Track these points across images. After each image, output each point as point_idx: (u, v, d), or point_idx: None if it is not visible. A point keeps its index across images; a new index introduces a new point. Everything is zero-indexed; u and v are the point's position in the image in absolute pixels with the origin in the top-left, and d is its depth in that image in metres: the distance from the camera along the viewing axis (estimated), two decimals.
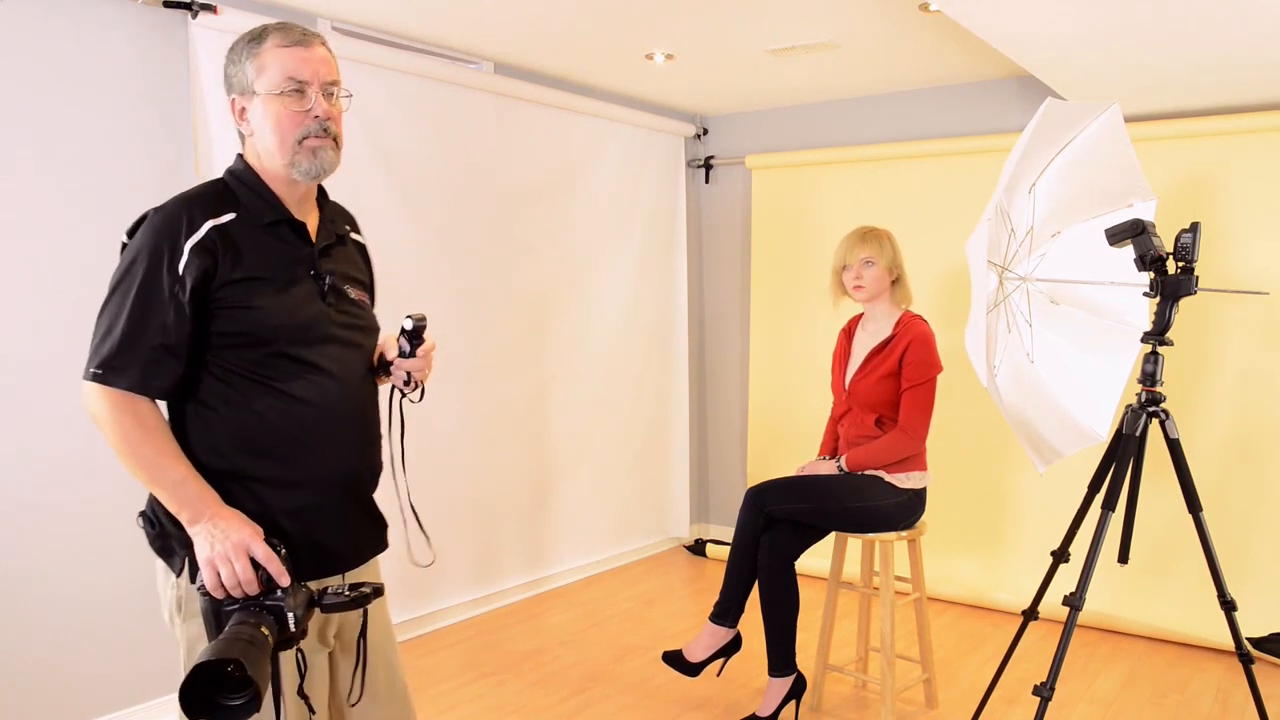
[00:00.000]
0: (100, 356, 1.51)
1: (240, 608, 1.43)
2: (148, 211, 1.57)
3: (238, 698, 1.29)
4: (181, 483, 1.50)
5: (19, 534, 2.75)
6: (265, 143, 1.60)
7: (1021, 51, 3.18)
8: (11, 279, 2.71)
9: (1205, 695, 3.37)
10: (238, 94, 1.62)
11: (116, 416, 1.49)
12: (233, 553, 1.45)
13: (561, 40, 3.76)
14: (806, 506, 2.97)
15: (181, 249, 1.51)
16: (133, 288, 1.51)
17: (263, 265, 1.58)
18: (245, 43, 1.61)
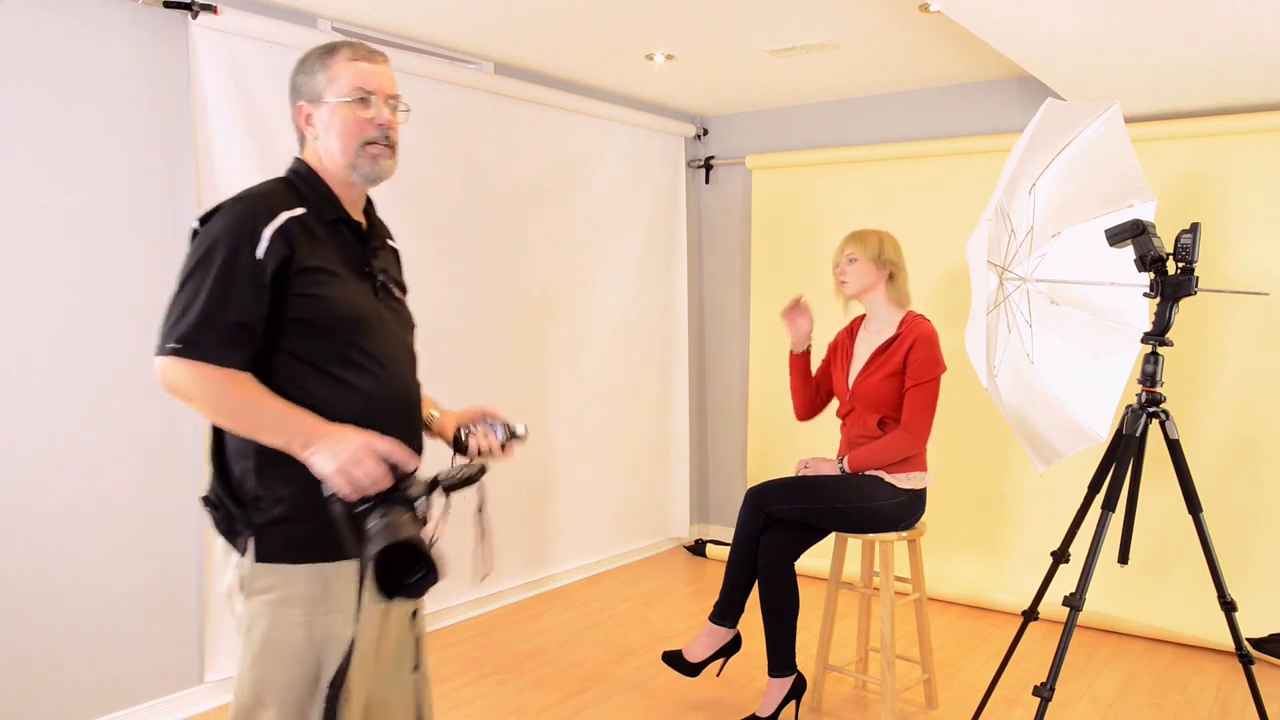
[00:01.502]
0: (179, 332, 1.56)
1: (375, 505, 1.50)
2: (222, 202, 1.65)
3: (417, 572, 1.44)
4: (283, 415, 1.57)
5: (19, 534, 2.75)
6: (330, 146, 1.71)
7: (1021, 52, 3.18)
8: (11, 278, 2.71)
9: (1205, 696, 3.37)
10: (306, 101, 1.73)
11: (202, 380, 1.55)
12: (360, 454, 1.52)
13: (561, 40, 3.76)
14: (806, 507, 2.97)
15: (261, 234, 1.60)
16: (213, 268, 1.57)
17: (328, 258, 1.68)
18: (318, 55, 1.73)
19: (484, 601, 4.19)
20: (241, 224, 1.60)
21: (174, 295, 1.60)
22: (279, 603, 1.63)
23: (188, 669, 3.15)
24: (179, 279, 1.61)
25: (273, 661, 1.63)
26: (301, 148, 1.77)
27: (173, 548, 3.10)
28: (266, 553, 1.63)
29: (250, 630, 1.64)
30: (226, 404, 1.56)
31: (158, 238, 3.02)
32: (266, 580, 1.63)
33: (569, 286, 4.52)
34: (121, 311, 2.94)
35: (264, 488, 1.63)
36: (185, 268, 1.61)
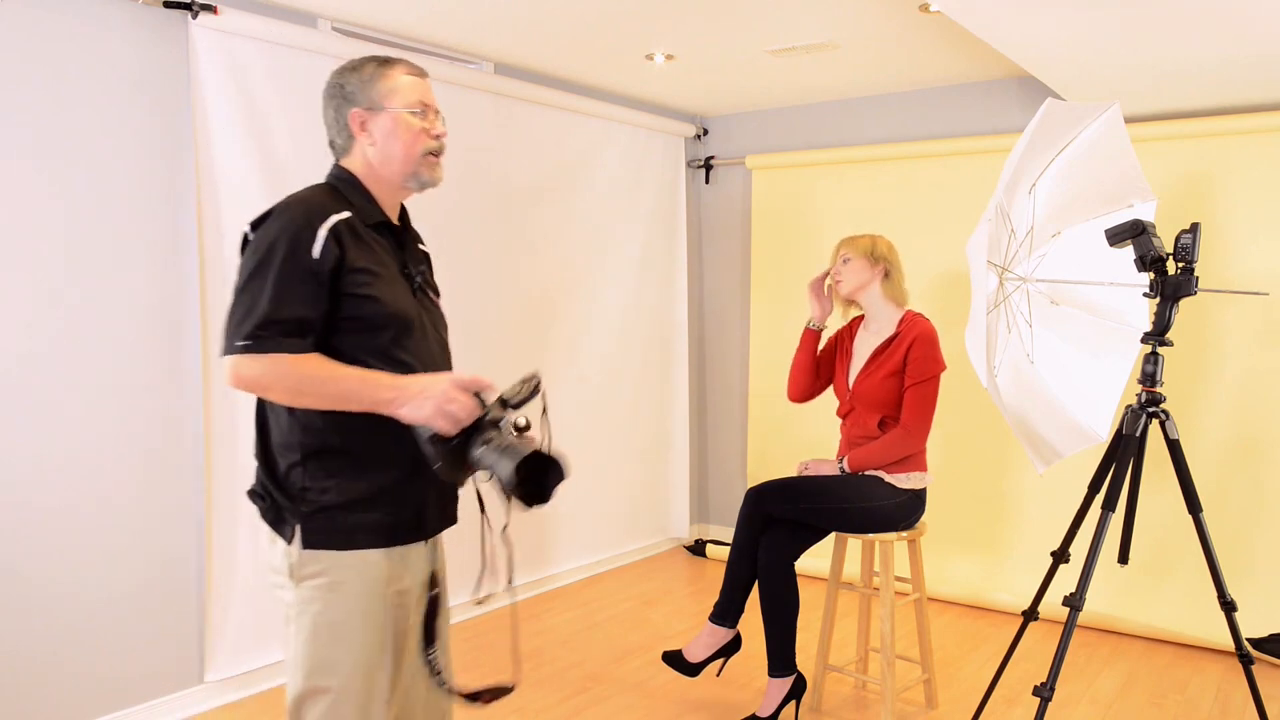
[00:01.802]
0: (246, 329, 1.60)
1: (470, 434, 1.62)
2: (273, 207, 1.70)
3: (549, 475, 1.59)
4: (364, 379, 1.64)
5: (19, 534, 2.75)
6: (391, 153, 1.78)
7: (1021, 52, 3.18)
8: (11, 278, 2.71)
9: (1205, 696, 3.37)
10: (361, 108, 1.77)
11: (277, 369, 1.60)
12: (450, 392, 1.61)
13: (561, 40, 3.76)
14: (806, 507, 2.97)
15: (316, 235, 1.65)
16: (273, 268, 1.63)
17: (374, 260, 1.74)
18: (374, 65, 1.79)
19: (484, 601, 4.19)
20: (297, 225, 1.66)
21: (236, 297, 1.65)
22: (329, 587, 1.69)
23: (188, 669, 3.15)
24: (240, 281, 1.65)
25: (327, 644, 1.69)
26: (341, 152, 1.82)
27: (173, 548, 3.10)
28: (314, 540, 1.69)
29: (301, 615, 1.70)
30: (307, 384, 1.62)
31: (158, 238, 3.02)
32: (315, 566, 1.69)
33: (569, 286, 4.52)
34: (122, 311, 2.94)
35: (310, 480, 1.69)
36: (246, 270, 1.65)
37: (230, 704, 3.24)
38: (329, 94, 1.81)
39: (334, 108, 1.80)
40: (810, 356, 3.23)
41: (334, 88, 1.80)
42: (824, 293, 3.21)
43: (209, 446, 3.12)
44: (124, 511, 2.97)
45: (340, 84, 1.80)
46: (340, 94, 1.79)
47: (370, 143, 1.78)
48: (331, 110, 1.81)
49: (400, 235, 1.86)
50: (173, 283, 3.07)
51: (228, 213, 3.14)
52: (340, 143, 1.82)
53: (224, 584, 3.18)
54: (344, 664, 1.70)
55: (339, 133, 1.81)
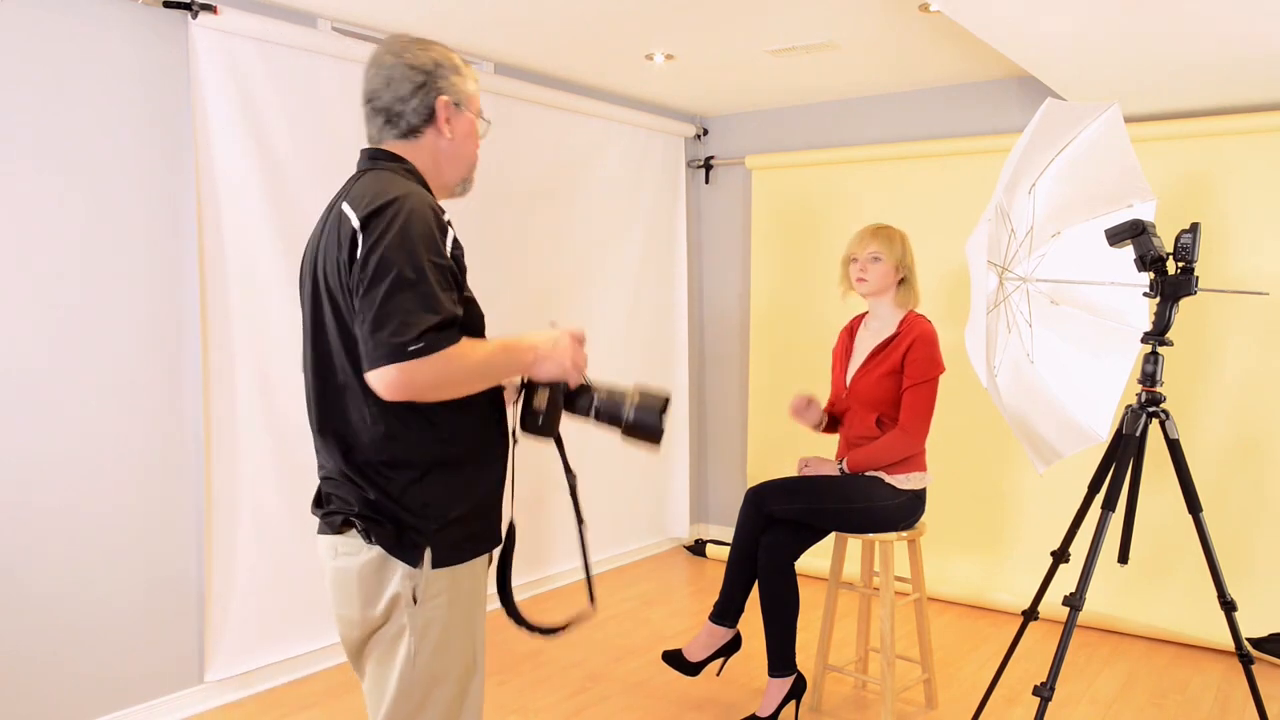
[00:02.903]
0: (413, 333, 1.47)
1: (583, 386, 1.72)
2: (392, 197, 1.55)
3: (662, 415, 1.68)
4: (506, 348, 1.63)
5: (19, 534, 2.75)
6: (460, 154, 1.73)
7: (1021, 52, 3.18)
8: (11, 278, 2.71)
9: (1205, 695, 3.37)
10: (454, 99, 1.70)
11: (446, 368, 1.51)
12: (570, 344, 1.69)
13: (562, 40, 3.76)
14: (806, 507, 2.97)
15: (447, 230, 1.60)
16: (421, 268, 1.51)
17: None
18: (459, 62, 1.73)
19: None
20: (429, 222, 1.55)
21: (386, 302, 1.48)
22: (449, 604, 1.65)
23: (188, 669, 3.15)
24: (385, 289, 1.49)
25: (444, 659, 1.66)
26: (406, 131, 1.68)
27: (173, 548, 3.10)
28: (444, 556, 1.63)
29: (425, 636, 1.63)
30: (471, 374, 1.56)
31: (158, 238, 3.02)
32: (439, 584, 1.64)
33: (569, 286, 4.52)
34: (122, 311, 2.94)
35: (432, 494, 1.62)
36: (385, 270, 1.50)
37: (230, 704, 3.24)
38: (410, 66, 1.66)
39: (417, 85, 1.66)
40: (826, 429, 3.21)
41: (422, 65, 1.66)
42: (806, 408, 3.14)
43: (209, 447, 3.12)
44: (124, 512, 2.97)
45: (435, 67, 1.67)
46: (432, 76, 1.67)
47: (448, 137, 1.70)
48: (411, 84, 1.66)
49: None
50: (173, 283, 3.07)
51: (228, 213, 3.14)
52: (413, 122, 1.67)
53: (224, 584, 3.18)
54: (453, 674, 1.67)
55: (416, 113, 1.67)
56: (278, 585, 3.33)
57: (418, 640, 1.63)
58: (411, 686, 1.64)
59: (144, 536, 3.03)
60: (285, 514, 3.33)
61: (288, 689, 3.36)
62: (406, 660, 1.63)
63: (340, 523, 1.66)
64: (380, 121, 1.69)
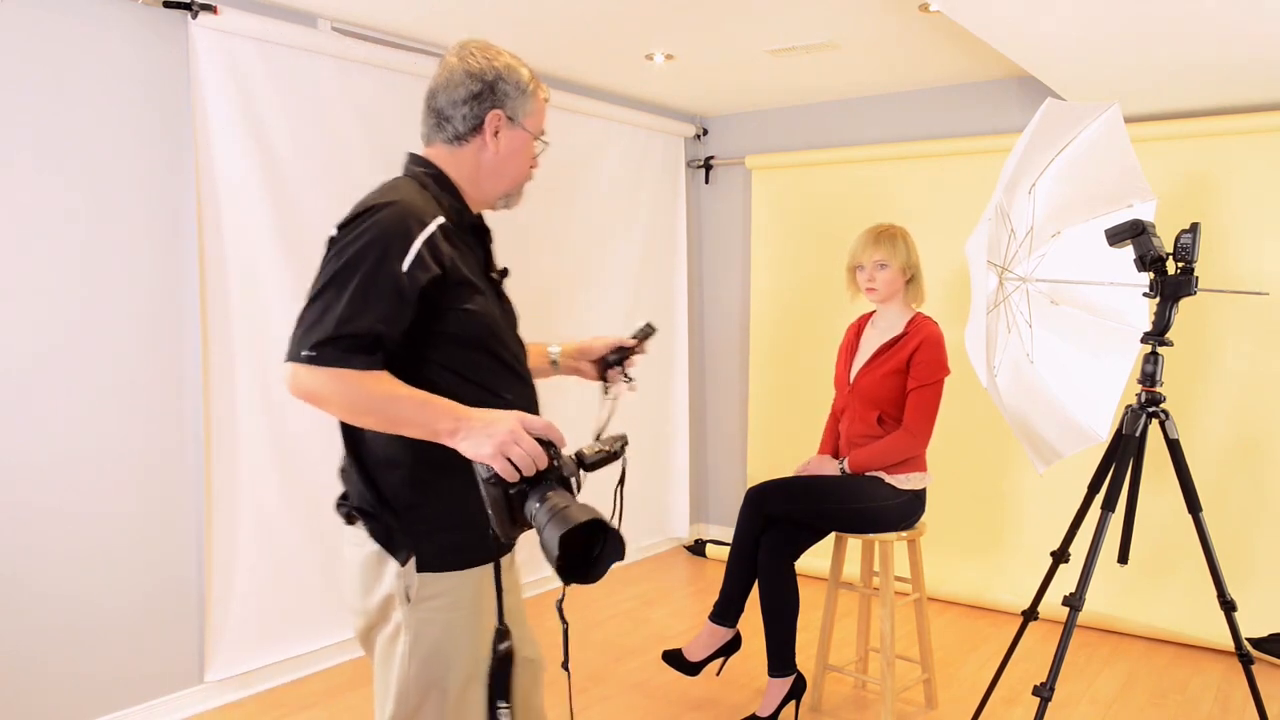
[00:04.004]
0: (313, 339, 1.47)
1: (531, 486, 1.44)
2: (365, 208, 1.55)
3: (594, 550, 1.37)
4: (424, 404, 1.49)
5: (19, 534, 2.75)
6: (505, 170, 1.70)
7: (1021, 52, 3.18)
8: (11, 278, 2.71)
9: (1205, 695, 3.37)
10: (505, 112, 1.67)
11: (335, 383, 1.47)
12: (515, 434, 1.44)
13: (561, 40, 3.76)
14: (806, 507, 2.97)
15: (410, 247, 1.52)
16: (355, 276, 1.49)
17: (469, 268, 1.62)
18: (529, 80, 1.69)
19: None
20: (391, 235, 1.51)
21: (310, 301, 1.51)
22: (449, 608, 1.61)
23: (188, 669, 3.15)
24: (316, 285, 1.52)
25: (441, 663, 1.62)
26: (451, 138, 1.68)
27: (173, 548, 3.10)
28: (430, 561, 1.60)
29: (420, 637, 1.61)
30: (363, 402, 1.48)
31: (158, 238, 3.02)
32: (434, 588, 1.60)
33: (569, 286, 4.52)
34: (122, 311, 2.94)
35: (419, 496, 1.60)
36: (324, 274, 1.52)
37: (230, 704, 3.24)
38: (471, 73, 1.65)
39: (474, 93, 1.65)
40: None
41: (484, 72, 1.65)
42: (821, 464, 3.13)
43: (209, 447, 3.12)
44: (124, 512, 2.97)
45: (495, 79, 1.66)
46: (490, 87, 1.65)
47: (493, 151, 1.68)
48: (467, 90, 1.64)
49: (485, 236, 1.75)
50: (173, 283, 3.07)
51: (228, 213, 3.14)
52: (459, 129, 1.66)
53: (224, 584, 3.18)
54: (454, 676, 1.63)
55: (464, 120, 1.66)
56: (278, 585, 3.33)
57: (412, 641, 1.61)
58: (407, 687, 1.62)
59: (144, 536, 3.03)
60: (285, 514, 3.33)
61: (288, 689, 3.36)
62: (402, 660, 1.62)
63: (347, 514, 1.68)
64: (432, 121, 1.69)
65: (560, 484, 1.46)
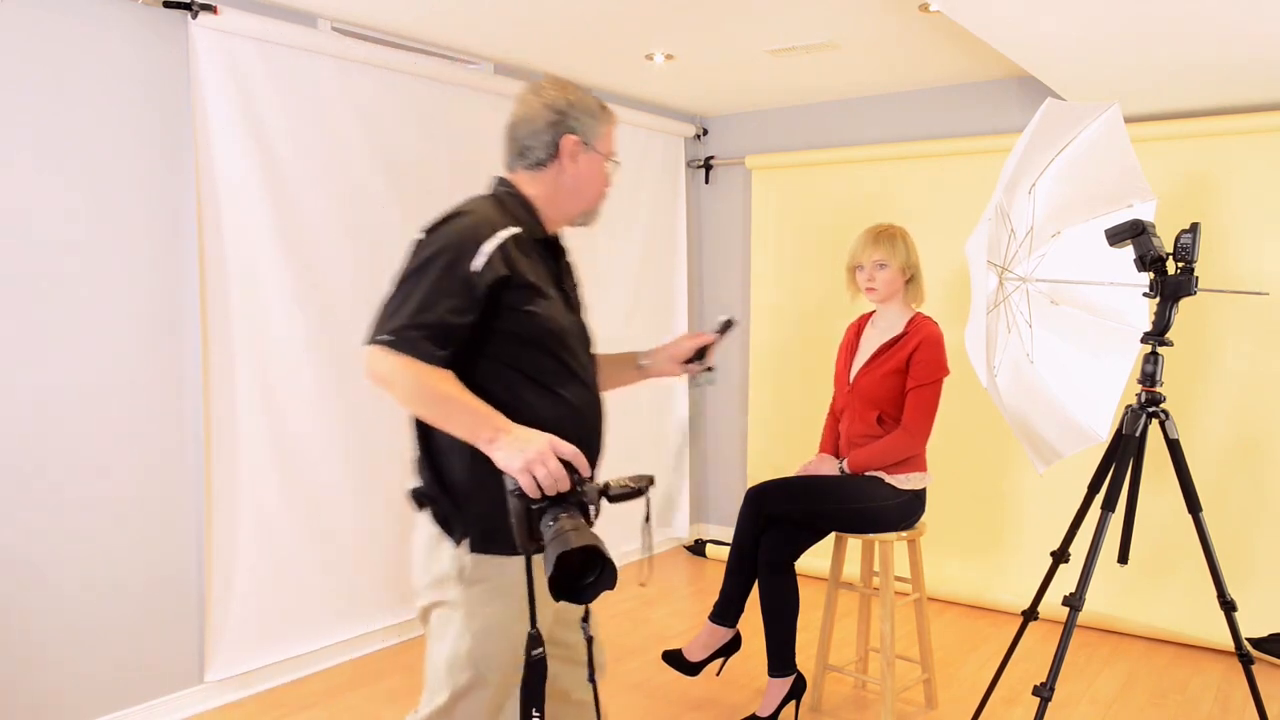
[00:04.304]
0: (390, 326, 1.65)
1: (551, 505, 1.56)
2: (447, 214, 1.77)
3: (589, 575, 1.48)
4: (472, 410, 1.65)
5: (19, 534, 2.75)
6: (581, 190, 1.89)
7: (1021, 52, 3.18)
8: (11, 278, 2.71)
9: (1205, 695, 3.37)
10: (580, 138, 1.85)
11: (407, 371, 1.64)
12: (543, 455, 1.57)
13: (561, 40, 3.76)
14: (806, 507, 2.97)
15: (482, 249, 1.70)
16: (431, 271, 1.67)
17: (537, 275, 1.80)
18: (599, 107, 1.89)
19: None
20: (464, 238, 1.70)
21: (391, 293, 1.70)
22: (496, 591, 1.74)
23: (188, 669, 3.15)
24: (397, 279, 1.71)
25: (494, 644, 1.75)
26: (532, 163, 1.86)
27: (173, 548, 3.10)
28: (483, 544, 1.74)
29: (471, 616, 1.75)
30: (423, 394, 1.64)
31: (157, 238, 3.02)
32: (484, 570, 1.74)
33: None
34: (122, 311, 2.94)
35: (476, 484, 1.72)
36: (405, 270, 1.71)
37: (230, 704, 3.24)
38: (548, 104, 1.84)
39: (550, 122, 1.84)
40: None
41: (558, 103, 1.85)
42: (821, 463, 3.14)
43: (209, 446, 3.12)
44: (124, 512, 2.97)
45: (566, 107, 1.85)
46: (563, 115, 1.85)
47: (571, 173, 1.86)
48: (545, 120, 1.84)
49: (559, 252, 1.94)
50: (173, 283, 3.07)
51: (227, 213, 3.14)
52: (539, 156, 1.85)
53: (224, 584, 3.18)
54: (503, 659, 1.76)
55: (544, 148, 1.85)
56: (278, 585, 3.33)
57: (464, 619, 1.75)
58: (456, 664, 1.76)
59: (144, 536, 3.03)
60: (285, 514, 3.33)
61: (288, 689, 3.36)
62: (455, 638, 1.76)
63: (417, 500, 1.82)
64: (514, 151, 1.88)
65: (579, 508, 1.57)
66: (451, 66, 3.85)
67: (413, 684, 3.42)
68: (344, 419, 3.50)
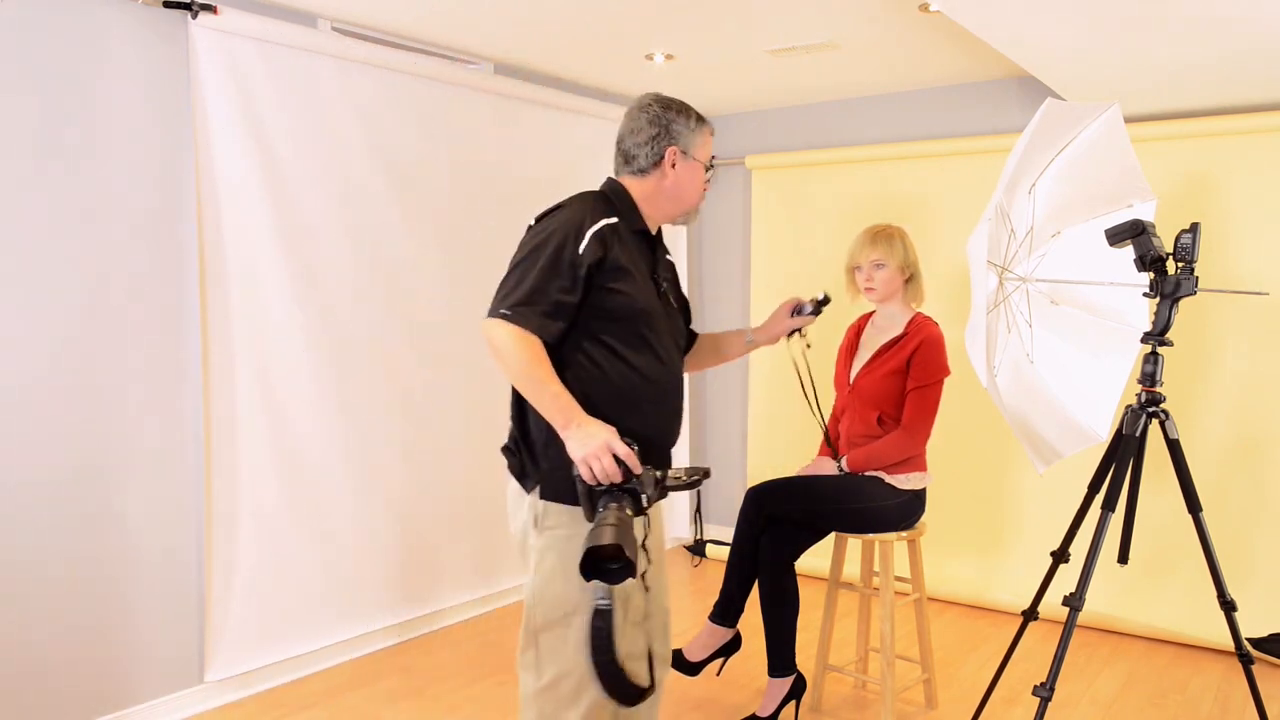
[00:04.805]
0: (510, 301, 1.91)
1: (606, 491, 1.84)
2: (557, 205, 2.03)
3: (615, 564, 1.75)
4: (558, 395, 1.91)
5: (19, 534, 2.75)
6: (681, 194, 2.14)
7: (1021, 52, 3.18)
8: (11, 278, 2.71)
9: (1205, 695, 3.37)
10: (679, 148, 2.10)
11: (517, 345, 1.89)
12: (600, 451, 1.84)
13: (561, 40, 3.76)
14: (806, 507, 2.97)
15: (585, 234, 1.96)
16: (543, 255, 1.93)
17: (630, 260, 2.03)
18: (695, 117, 2.12)
19: (484, 601, 4.19)
20: (570, 224, 1.96)
21: (509, 273, 1.96)
22: (566, 539, 1.96)
23: (188, 669, 3.15)
24: (515, 260, 1.96)
25: (562, 584, 1.96)
26: (637, 170, 2.10)
27: (173, 548, 3.10)
28: (552, 493, 1.98)
29: (543, 560, 2.00)
30: (525, 369, 1.89)
31: (157, 237, 3.02)
32: (554, 518, 1.98)
33: None
34: (122, 311, 2.94)
35: (551, 437, 1.95)
36: (522, 252, 1.96)
37: (230, 704, 3.24)
38: (651, 119, 2.07)
39: (652, 135, 2.08)
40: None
41: (660, 118, 2.08)
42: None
43: (209, 446, 3.12)
44: (124, 511, 2.97)
45: (669, 120, 2.08)
46: (665, 127, 2.08)
47: (671, 180, 2.11)
48: (648, 133, 2.08)
49: (655, 245, 2.16)
50: (172, 282, 3.07)
51: (227, 212, 3.14)
52: (643, 163, 2.09)
53: (224, 584, 3.18)
54: (576, 600, 1.96)
55: (648, 156, 2.09)
56: (278, 585, 3.33)
57: (538, 560, 2.00)
58: (534, 601, 2.00)
59: (144, 536, 3.03)
60: (285, 514, 3.33)
61: (288, 689, 3.36)
62: (533, 576, 2.01)
63: (504, 450, 2.09)
64: (621, 160, 2.13)
65: (630, 495, 1.84)
66: (451, 66, 3.85)
67: (413, 684, 3.42)
68: (344, 419, 3.50)
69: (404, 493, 3.76)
